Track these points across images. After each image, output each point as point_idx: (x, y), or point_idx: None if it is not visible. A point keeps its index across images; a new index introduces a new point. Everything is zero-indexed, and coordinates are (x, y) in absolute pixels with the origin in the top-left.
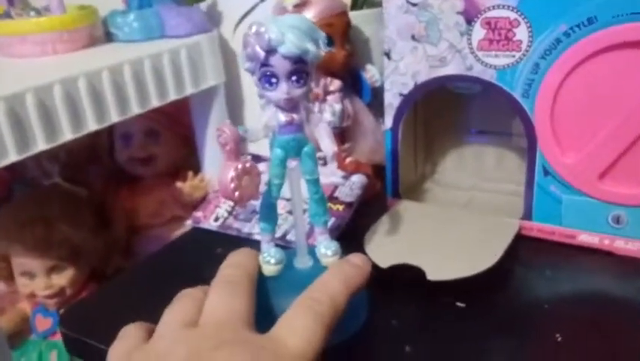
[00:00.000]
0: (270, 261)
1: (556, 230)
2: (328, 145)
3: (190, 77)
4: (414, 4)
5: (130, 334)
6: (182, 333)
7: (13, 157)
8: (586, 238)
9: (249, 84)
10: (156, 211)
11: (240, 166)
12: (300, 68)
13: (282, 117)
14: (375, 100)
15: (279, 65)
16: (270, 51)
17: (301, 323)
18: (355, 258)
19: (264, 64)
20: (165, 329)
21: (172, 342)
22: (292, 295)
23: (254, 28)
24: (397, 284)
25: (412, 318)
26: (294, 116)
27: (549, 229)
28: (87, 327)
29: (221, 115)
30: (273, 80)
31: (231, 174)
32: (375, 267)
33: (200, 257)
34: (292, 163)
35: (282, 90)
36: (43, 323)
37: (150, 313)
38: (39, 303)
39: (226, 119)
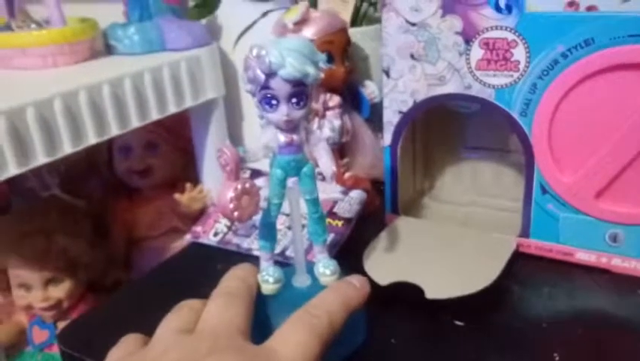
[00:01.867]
0: (268, 280)
1: (554, 247)
2: (327, 164)
3: (190, 90)
4: (413, 24)
5: (129, 340)
6: (178, 339)
7: (13, 170)
8: (583, 256)
9: (248, 97)
10: (154, 223)
11: (239, 187)
12: (300, 91)
13: (282, 138)
14: (374, 116)
15: (279, 87)
16: (271, 74)
17: (296, 336)
18: (354, 279)
19: (265, 86)
20: (161, 335)
21: (167, 347)
22: (290, 314)
23: (255, 51)
24: (396, 302)
25: (411, 336)
26: (294, 137)
27: (547, 247)
28: (85, 344)
29: (221, 128)
30: (274, 102)
31: (231, 194)
32: (374, 284)
33: (199, 273)
34: (291, 182)
35: (282, 112)
36: (40, 335)
37: (149, 329)
38: (36, 315)
39: (226, 138)
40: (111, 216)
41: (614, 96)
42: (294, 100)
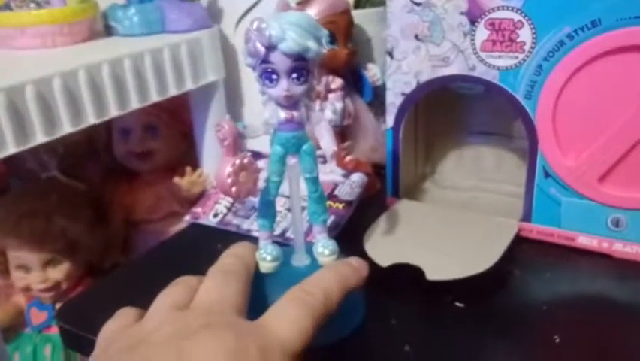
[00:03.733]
0: (266, 258)
1: (556, 232)
2: (328, 144)
3: (190, 72)
4: (418, 4)
5: (124, 314)
6: (171, 314)
7: (11, 149)
8: (585, 241)
9: (248, 80)
10: (154, 206)
11: (237, 162)
12: (301, 66)
13: (282, 114)
14: (376, 99)
15: (280, 62)
16: (271, 48)
17: (290, 313)
18: (353, 260)
19: (265, 60)
20: (156, 310)
21: (160, 322)
22: None
23: (255, 24)
24: (397, 283)
25: (411, 318)
26: (294, 113)
27: (548, 231)
28: (83, 321)
29: (221, 111)
30: (274, 76)
31: (229, 169)
32: (374, 266)
33: (198, 253)
34: (292, 160)
35: (282, 87)
36: (38, 317)
37: (147, 306)
38: (34, 297)
39: (225, 115)
40: (110, 199)
41: (620, 79)
42: (294, 75)
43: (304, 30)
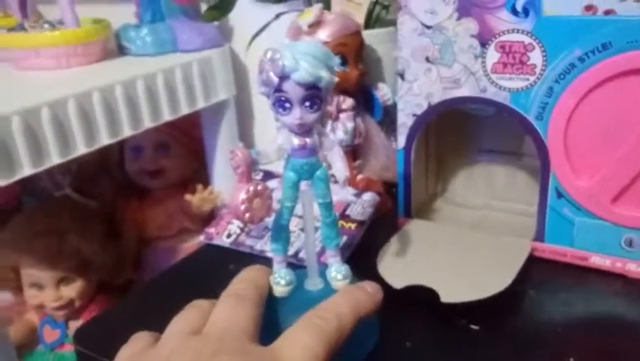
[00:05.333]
0: (280, 282)
1: (569, 252)
2: (341, 170)
3: (201, 91)
4: (428, 27)
5: (139, 339)
6: (185, 340)
7: (27, 171)
8: (598, 261)
9: (259, 98)
10: (165, 223)
11: (251, 188)
12: (314, 94)
13: (295, 141)
14: (386, 118)
15: (293, 90)
16: (284, 77)
17: (304, 339)
18: (367, 285)
19: (278, 89)
20: (169, 335)
21: (174, 348)
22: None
23: (269, 55)
24: (411, 305)
25: (426, 340)
26: (307, 140)
27: (561, 251)
28: (100, 344)
29: (232, 128)
30: (287, 105)
31: (242, 196)
32: (388, 288)
33: (212, 274)
34: (304, 186)
35: (295, 115)
36: (51, 335)
37: (163, 330)
38: (47, 314)
39: (237, 139)
40: (122, 217)
41: (631, 100)
42: (307, 103)
43: (317, 60)
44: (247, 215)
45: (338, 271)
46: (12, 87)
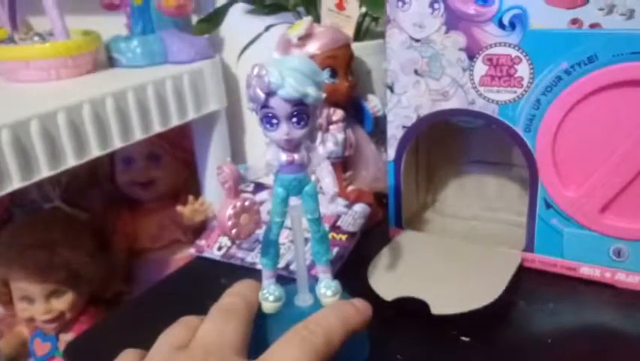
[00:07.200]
0: (268, 298)
1: (558, 262)
2: (329, 185)
3: (192, 102)
4: (417, 40)
5: (126, 356)
6: (171, 354)
7: (16, 184)
8: (587, 271)
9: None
10: (156, 235)
11: (238, 204)
12: (301, 110)
13: (283, 157)
14: (376, 129)
15: (279, 107)
16: (270, 93)
17: (292, 351)
18: (357, 301)
19: (265, 105)
20: (157, 351)
21: None
22: None
23: (255, 71)
24: (401, 317)
25: (417, 352)
26: (295, 156)
27: (551, 261)
28: (91, 358)
29: (223, 139)
30: (274, 121)
31: (230, 211)
32: (379, 299)
33: (203, 288)
34: (294, 202)
35: (283, 131)
36: (42, 348)
37: (152, 344)
38: (37, 327)
39: (228, 151)
40: (113, 228)
41: (617, 112)
42: (294, 119)
43: (304, 76)
44: (234, 231)
45: (327, 288)
46: (1, 100)
